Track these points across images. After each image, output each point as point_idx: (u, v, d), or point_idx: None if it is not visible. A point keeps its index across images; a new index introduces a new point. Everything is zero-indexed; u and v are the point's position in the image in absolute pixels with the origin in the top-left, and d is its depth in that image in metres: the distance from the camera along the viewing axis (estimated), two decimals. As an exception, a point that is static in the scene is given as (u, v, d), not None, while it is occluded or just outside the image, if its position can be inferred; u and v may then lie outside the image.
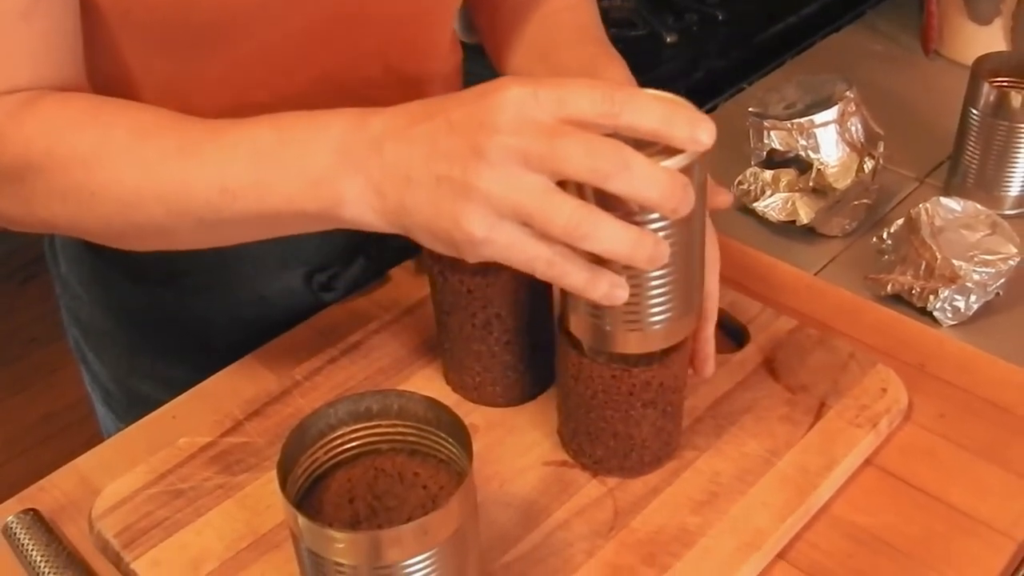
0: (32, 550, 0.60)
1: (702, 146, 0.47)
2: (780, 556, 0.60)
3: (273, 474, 0.63)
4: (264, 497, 0.63)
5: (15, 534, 0.61)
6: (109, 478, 0.65)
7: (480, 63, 1.04)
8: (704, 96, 1.17)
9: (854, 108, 0.92)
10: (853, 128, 0.92)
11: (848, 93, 0.91)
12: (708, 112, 1.13)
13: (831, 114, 0.90)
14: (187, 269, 0.77)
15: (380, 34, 0.72)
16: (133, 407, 0.79)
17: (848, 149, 0.91)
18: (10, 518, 0.62)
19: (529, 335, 0.66)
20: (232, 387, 0.73)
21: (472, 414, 0.68)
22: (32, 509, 0.63)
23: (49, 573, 0.58)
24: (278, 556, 0.59)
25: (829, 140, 0.90)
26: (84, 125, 0.56)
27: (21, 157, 0.56)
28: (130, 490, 0.63)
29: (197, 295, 0.79)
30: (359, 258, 0.80)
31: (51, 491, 0.66)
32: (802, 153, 0.90)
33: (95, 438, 0.76)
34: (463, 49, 0.89)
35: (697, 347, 0.64)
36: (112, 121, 0.56)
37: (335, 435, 0.54)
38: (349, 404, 0.53)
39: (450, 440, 0.53)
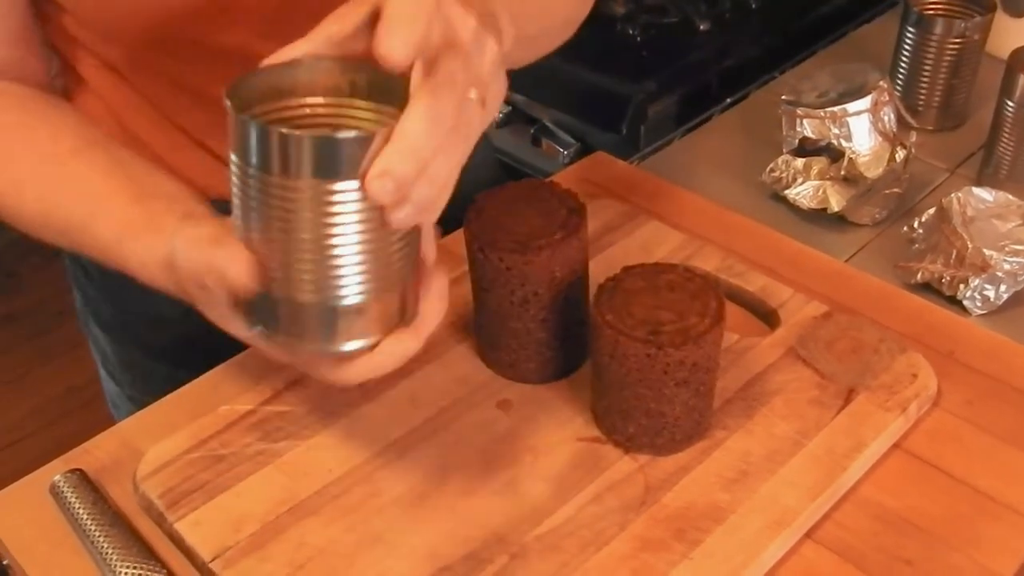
0: (79, 508, 0.61)
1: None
2: (808, 535, 0.61)
3: (314, 441, 0.65)
4: (303, 464, 0.64)
5: (62, 492, 0.63)
6: (151, 443, 0.66)
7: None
8: (736, 84, 1.18)
9: (887, 98, 0.92)
10: (886, 117, 0.92)
11: (881, 82, 0.92)
12: (740, 100, 1.14)
13: (864, 103, 0.91)
14: None
15: None
16: None
17: (880, 138, 0.91)
18: (57, 477, 0.64)
19: (565, 313, 0.67)
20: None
21: (507, 390, 0.69)
22: (78, 469, 0.65)
23: (95, 530, 0.60)
24: (315, 521, 0.61)
25: (862, 129, 0.91)
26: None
27: None
28: (173, 454, 0.65)
29: None
30: None
31: (95, 452, 0.68)
32: (834, 142, 0.91)
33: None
34: None
35: None
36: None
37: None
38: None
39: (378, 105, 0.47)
